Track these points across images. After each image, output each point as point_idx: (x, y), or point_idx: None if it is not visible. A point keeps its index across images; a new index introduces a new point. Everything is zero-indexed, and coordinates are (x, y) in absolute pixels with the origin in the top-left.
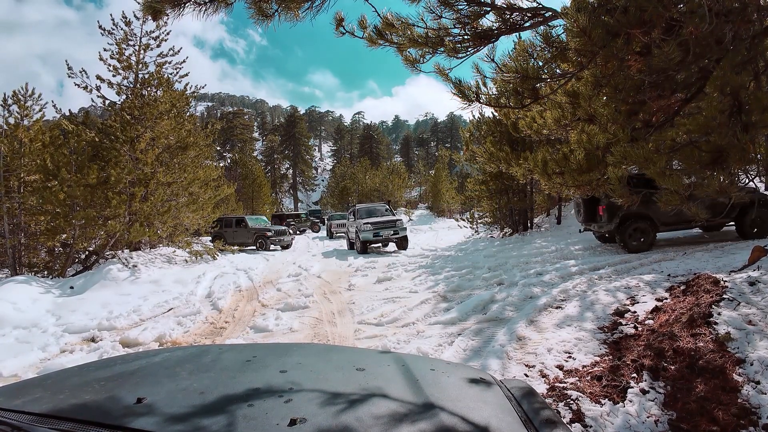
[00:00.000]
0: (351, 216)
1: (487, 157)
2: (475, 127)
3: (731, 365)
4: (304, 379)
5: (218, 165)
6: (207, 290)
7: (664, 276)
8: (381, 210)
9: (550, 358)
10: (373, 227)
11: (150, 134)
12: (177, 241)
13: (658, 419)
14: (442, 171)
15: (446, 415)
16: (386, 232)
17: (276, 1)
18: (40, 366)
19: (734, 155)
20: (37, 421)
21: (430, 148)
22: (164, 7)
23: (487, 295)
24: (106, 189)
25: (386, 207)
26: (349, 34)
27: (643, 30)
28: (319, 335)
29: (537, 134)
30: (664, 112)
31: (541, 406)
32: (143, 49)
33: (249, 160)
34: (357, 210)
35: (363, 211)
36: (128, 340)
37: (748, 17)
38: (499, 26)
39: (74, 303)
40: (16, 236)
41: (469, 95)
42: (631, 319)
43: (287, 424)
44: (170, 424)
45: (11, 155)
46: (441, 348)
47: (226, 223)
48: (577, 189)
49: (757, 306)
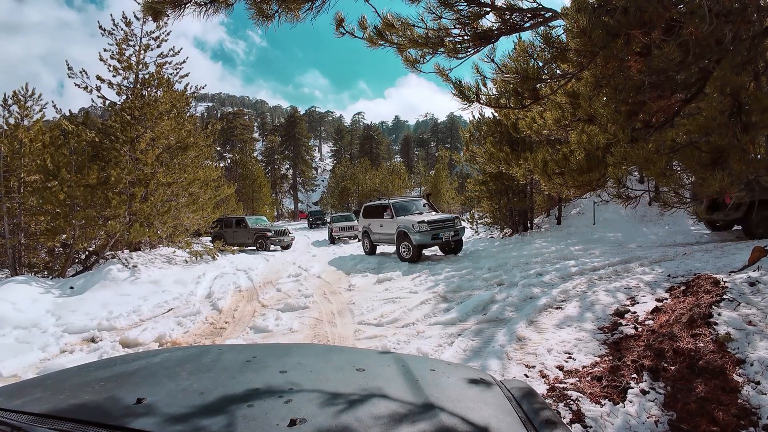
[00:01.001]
0: (387, 213)
1: (487, 157)
2: (475, 127)
3: (731, 366)
4: (304, 380)
5: (218, 165)
6: (207, 290)
7: (664, 276)
8: (419, 205)
9: (550, 359)
10: (431, 227)
11: (150, 134)
12: (177, 241)
13: (658, 420)
14: (442, 171)
15: (446, 416)
16: (446, 233)
17: (276, 1)
18: (39, 366)
19: (734, 155)
20: (37, 421)
21: (431, 149)
22: (165, 8)
23: (487, 296)
24: (106, 189)
25: (424, 202)
26: (349, 35)
27: (643, 30)
28: (319, 335)
29: (537, 135)
30: (664, 113)
31: (541, 406)
32: (143, 49)
33: (249, 161)
34: (394, 206)
35: (400, 206)
36: (128, 340)
37: (748, 18)
38: (499, 27)
39: (74, 303)
40: (16, 236)
41: (469, 96)
42: (631, 319)
43: (287, 424)
44: (170, 424)
45: (11, 155)
46: (441, 348)
47: (226, 223)
48: (577, 189)
49: (757, 306)
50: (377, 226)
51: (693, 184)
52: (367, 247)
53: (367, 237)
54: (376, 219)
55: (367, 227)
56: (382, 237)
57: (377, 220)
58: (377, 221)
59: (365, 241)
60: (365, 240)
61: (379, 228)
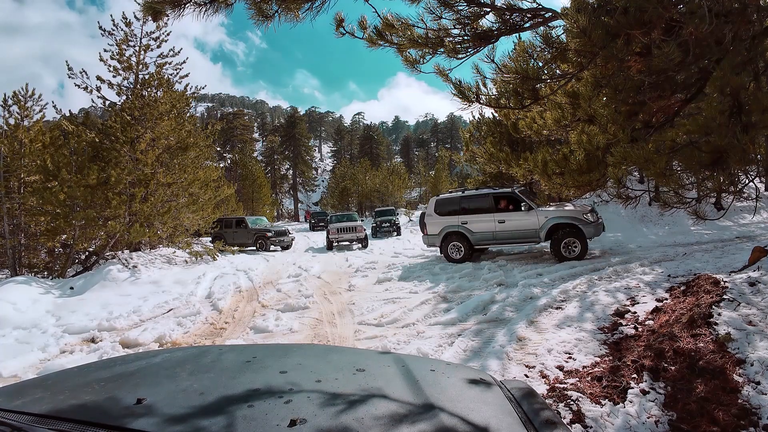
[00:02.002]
0: (431, 208)
1: (487, 157)
2: (475, 127)
3: (731, 366)
4: (304, 380)
5: (218, 165)
6: (207, 291)
7: (664, 276)
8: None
9: (550, 359)
10: (597, 217)
11: (150, 135)
12: (177, 241)
13: (658, 420)
14: (443, 172)
15: (446, 416)
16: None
17: (276, 1)
18: (40, 367)
19: (734, 156)
20: (37, 421)
21: (431, 149)
22: (164, 8)
23: (487, 296)
24: (107, 189)
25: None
26: (349, 35)
27: (642, 31)
28: (319, 336)
29: (537, 135)
30: (664, 113)
31: (541, 406)
32: (143, 49)
33: (249, 161)
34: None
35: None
36: (128, 340)
37: (747, 18)
38: (499, 27)
39: (74, 303)
40: (16, 237)
41: (469, 96)
42: (632, 319)
43: (287, 424)
44: (170, 424)
45: (11, 156)
46: (441, 349)
47: (226, 223)
48: (577, 189)
49: (757, 306)
50: (489, 222)
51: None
52: (460, 251)
53: (460, 239)
54: (479, 215)
55: (459, 226)
56: (504, 234)
57: (484, 215)
58: (486, 216)
59: (454, 244)
60: (453, 243)
61: (494, 225)
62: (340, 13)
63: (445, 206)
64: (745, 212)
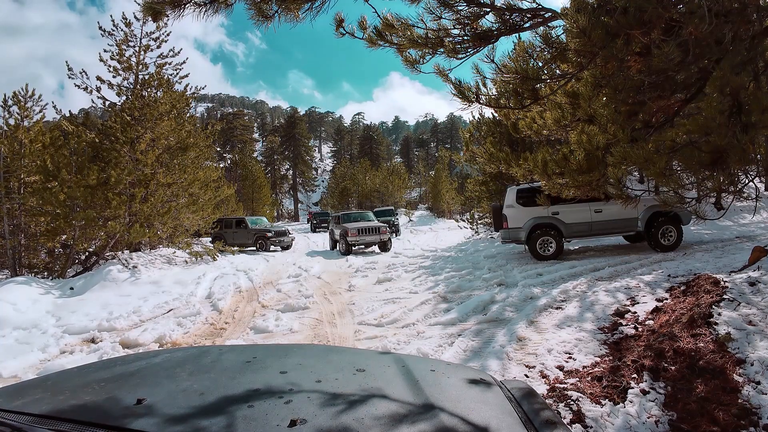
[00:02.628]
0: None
1: (487, 157)
2: (475, 127)
3: (731, 366)
4: (304, 380)
5: (218, 166)
6: (207, 291)
7: (664, 276)
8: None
9: (550, 359)
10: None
11: (150, 135)
12: (177, 241)
13: (658, 420)
14: (442, 172)
15: (446, 416)
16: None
17: (276, 2)
18: (40, 367)
19: (734, 156)
20: (37, 422)
21: (430, 149)
22: (164, 8)
23: (488, 296)
24: (107, 190)
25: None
26: (349, 35)
27: (642, 31)
28: (319, 336)
29: (537, 135)
30: (663, 113)
31: (541, 406)
32: (143, 50)
33: (249, 161)
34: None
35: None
36: (128, 341)
37: (747, 18)
38: (499, 27)
39: (74, 304)
40: (16, 237)
41: (469, 96)
42: (632, 319)
43: (287, 425)
44: (170, 425)
45: (11, 156)
46: (441, 349)
47: (226, 224)
48: (577, 189)
49: (757, 306)
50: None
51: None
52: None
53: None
54: (573, 204)
55: (550, 217)
56: (601, 225)
57: (578, 204)
58: (581, 206)
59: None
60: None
61: (590, 215)
62: (340, 14)
63: (530, 196)
64: (745, 212)
